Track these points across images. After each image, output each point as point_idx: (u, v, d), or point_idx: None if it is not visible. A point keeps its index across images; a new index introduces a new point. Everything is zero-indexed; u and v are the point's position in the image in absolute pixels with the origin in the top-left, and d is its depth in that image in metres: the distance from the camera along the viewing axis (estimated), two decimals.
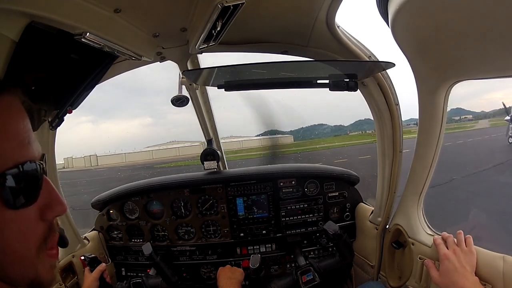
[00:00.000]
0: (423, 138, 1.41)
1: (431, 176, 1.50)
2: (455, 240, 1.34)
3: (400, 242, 1.69)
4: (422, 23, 0.92)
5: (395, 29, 0.99)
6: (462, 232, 1.33)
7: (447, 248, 1.32)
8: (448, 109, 1.28)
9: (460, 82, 1.18)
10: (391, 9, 0.91)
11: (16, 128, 0.55)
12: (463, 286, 1.18)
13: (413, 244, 1.56)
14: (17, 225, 0.53)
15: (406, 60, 1.18)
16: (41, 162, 0.58)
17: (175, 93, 1.64)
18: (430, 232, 1.55)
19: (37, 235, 0.56)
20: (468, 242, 1.30)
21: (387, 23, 1.00)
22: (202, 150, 2.15)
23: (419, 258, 1.49)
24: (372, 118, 1.66)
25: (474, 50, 0.94)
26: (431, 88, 1.23)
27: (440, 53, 1.04)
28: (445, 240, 1.36)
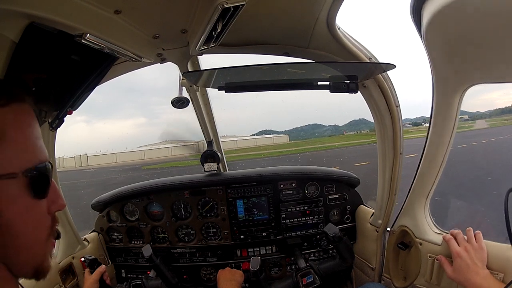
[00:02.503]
0: (435, 138, 1.40)
1: (439, 178, 1.50)
2: (465, 236, 1.35)
3: (405, 243, 1.69)
4: (456, 27, 0.92)
5: (428, 33, 0.99)
6: (472, 229, 1.34)
7: (458, 245, 1.33)
8: None
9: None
10: (426, 13, 0.92)
11: (38, 132, 0.66)
12: (475, 282, 1.22)
13: (420, 244, 1.57)
14: (34, 213, 0.62)
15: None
16: (51, 162, 0.68)
17: (175, 94, 1.64)
18: (437, 231, 1.56)
19: (47, 225, 0.66)
20: (478, 238, 1.31)
21: (417, 26, 1.01)
22: (194, 151, 2.15)
23: (429, 257, 1.50)
24: (368, 119, 1.66)
25: (502, 55, 0.95)
26: (449, 89, 1.23)
27: (467, 56, 1.05)
28: (455, 237, 1.37)
